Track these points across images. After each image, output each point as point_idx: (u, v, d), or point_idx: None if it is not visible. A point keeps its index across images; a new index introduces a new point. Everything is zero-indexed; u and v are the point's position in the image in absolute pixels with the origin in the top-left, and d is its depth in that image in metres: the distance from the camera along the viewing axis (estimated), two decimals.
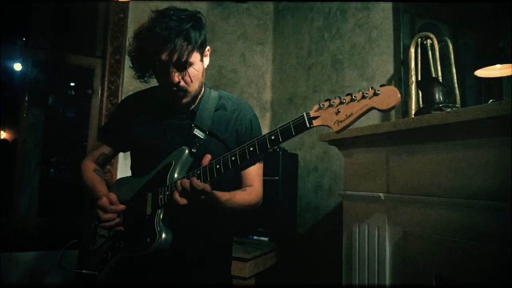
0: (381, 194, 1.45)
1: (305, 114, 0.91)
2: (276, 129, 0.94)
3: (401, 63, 1.99)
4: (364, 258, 1.50)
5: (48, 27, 3.13)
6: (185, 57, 1.11)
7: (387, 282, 1.40)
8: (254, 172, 1.29)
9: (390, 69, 2.10)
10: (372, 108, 0.83)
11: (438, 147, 1.26)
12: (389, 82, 2.09)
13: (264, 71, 3.06)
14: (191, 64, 1.14)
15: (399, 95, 0.81)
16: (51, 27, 3.15)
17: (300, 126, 0.91)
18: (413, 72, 1.82)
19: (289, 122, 0.92)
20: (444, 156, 1.24)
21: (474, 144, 1.14)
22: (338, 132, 0.86)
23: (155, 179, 1.19)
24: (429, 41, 1.79)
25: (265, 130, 2.90)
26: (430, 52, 1.79)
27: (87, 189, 1.30)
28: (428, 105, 1.54)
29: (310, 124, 0.90)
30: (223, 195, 1.12)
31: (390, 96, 0.81)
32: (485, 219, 1.10)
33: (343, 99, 0.86)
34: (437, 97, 1.52)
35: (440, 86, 1.53)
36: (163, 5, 1.20)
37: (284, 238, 2.36)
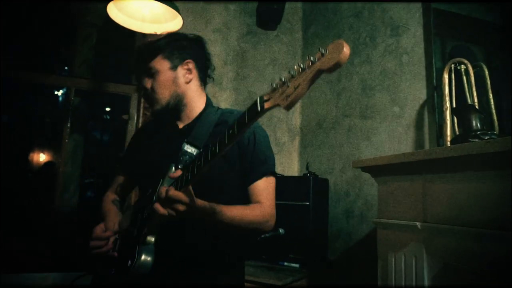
0: (417, 223, 1.41)
1: (258, 98, 0.80)
2: (234, 121, 0.86)
3: (434, 88, 1.97)
4: None
5: (90, 58, 3.35)
6: (151, 64, 1.24)
7: None
8: (261, 187, 1.22)
9: (422, 94, 2.08)
10: (319, 71, 0.69)
11: (475, 177, 1.23)
12: (422, 108, 2.07)
13: None
14: (157, 72, 1.24)
15: (345, 48, 0.65)
16: (92, 58, 3.37)
17: (253, 113, 0.81)
18: (447, 98, 1.79)
19: (245, 110, 0.83)
20: (484, 186, 1.20)
21: None
22: (286, 108, 0.74)
23: (146, 200, 1.17)
24: (463, 66, 1.77)
25: (293, 155, 2.92)
26: (464, 78, 1.76)
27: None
28: (465, 132, 1.51)
29: (261, 108, 0.79)
30: (213, 206, 1.04)
31: (334, 51, 0.67)
32: None
33: (293, 72, 0.74)
34: (474, 124, 1.49)
35: (477, 113, 1.50)
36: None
37: (315, 265, 2.32)
